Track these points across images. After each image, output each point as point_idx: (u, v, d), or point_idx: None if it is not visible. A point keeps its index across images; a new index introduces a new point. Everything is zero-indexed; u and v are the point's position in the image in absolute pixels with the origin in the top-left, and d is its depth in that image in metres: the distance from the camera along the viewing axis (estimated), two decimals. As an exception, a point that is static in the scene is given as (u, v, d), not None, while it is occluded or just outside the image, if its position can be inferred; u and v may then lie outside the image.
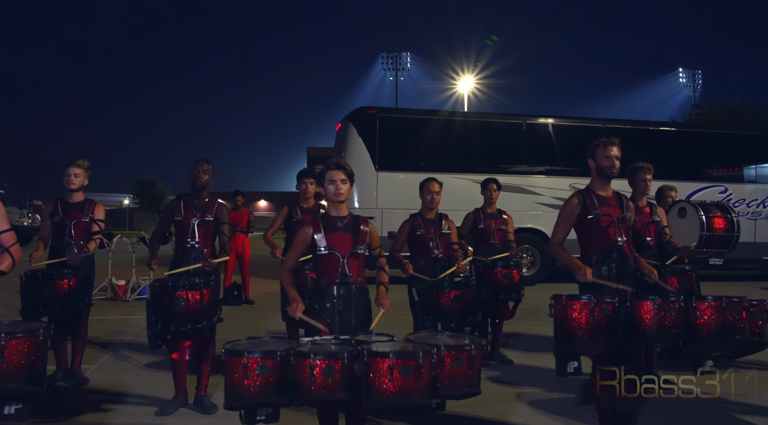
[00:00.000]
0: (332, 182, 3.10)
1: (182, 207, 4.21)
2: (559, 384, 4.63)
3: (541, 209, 11.22)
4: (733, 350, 3.57)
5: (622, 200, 3.63)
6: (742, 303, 3.33)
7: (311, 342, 2.79)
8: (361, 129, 10.96)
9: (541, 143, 11.81)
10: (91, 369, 5.04)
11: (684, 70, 42.52)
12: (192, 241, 4.13)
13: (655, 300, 3.21)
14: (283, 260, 3.70)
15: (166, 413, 3.95)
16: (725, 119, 26.72)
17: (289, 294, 3.14)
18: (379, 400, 2.52)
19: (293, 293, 3.13)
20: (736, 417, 3.60)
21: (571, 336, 3.21)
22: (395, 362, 2.50)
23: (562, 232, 3.59)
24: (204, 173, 4.26)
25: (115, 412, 4.05)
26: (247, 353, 2.57)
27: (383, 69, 42.86)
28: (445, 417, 3.87)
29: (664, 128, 13.46)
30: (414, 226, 4.82)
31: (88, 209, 4.72)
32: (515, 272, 5.32)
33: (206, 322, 3.85)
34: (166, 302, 3.75)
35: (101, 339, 6.18)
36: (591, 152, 3.62)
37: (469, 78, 36.54)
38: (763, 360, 4.55)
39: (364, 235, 3.16)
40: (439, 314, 4.42)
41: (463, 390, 2.70)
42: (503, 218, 5.65)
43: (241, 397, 2.57)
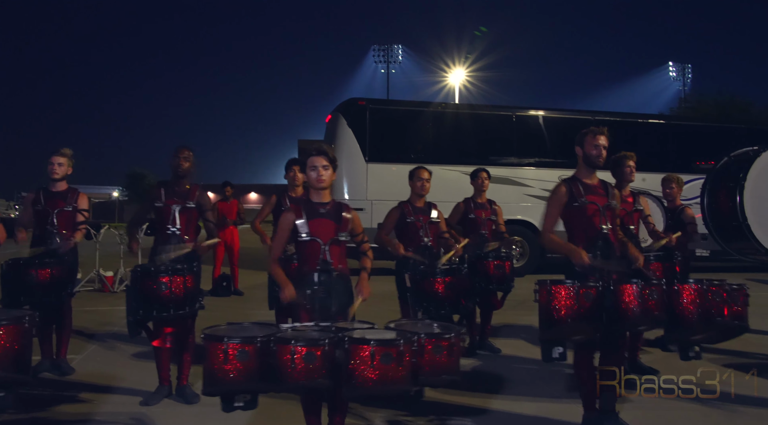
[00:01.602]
0: (314, 168, 3.08)
1: (163, 194, 4.18)
2: (545, 372, 4.66)
3: (531, 200, 11.24)
4: (716, 334, 3.60)
5: (608, 188, 3.64)
6: (722, 287, 3.36)
7: (291, 328, 2.79)
8: (351, 121, 10.93)
9: (531, 135, 11.82)
10: (77, 359, 5.01)
11: (674, 64, 42.70)
12: (173, 228, 4.10)
13: (638, 284, 3.24)
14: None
15: (151, 403, 3.93)
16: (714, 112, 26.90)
17: (279, 280, 3.11)
18: (359, 387, 2.52)
19: (283, 278, 3.10)
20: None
21: (556, 321, 3.23)
22: (376, 349, 2.50)
23: (551, 221, 3.59)
24: (185, 160, 4.22)
25: (99, 403, 4.02)
26: (227, 338, 2.55)
27: (375, 61, 42.76)
28: (430, 404, 3.89)
29: (653, 120, 13.52)
30: (404, 213, 4.81)
31: (71, 198, 4.67)
32: (507, 263, 5.34)
33: (189, 309, 3.84)
34: (149, 288, 3.72)
35: (89, 329, 6.14)
36: (579, 140, 3.63)
37: (461, 70, 36.55)
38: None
39: (347, 222, 3.15)
40: (431, 300, 4.42)
41: (442, 378, 2.70)
42: (493, 209, 5.65)
43: (220, 383, 2.56)
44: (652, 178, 8.76)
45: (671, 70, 42.56)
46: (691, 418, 3.59)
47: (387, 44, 42.24)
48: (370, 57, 43.12)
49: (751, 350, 5.39)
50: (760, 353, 5.35)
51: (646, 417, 3.56)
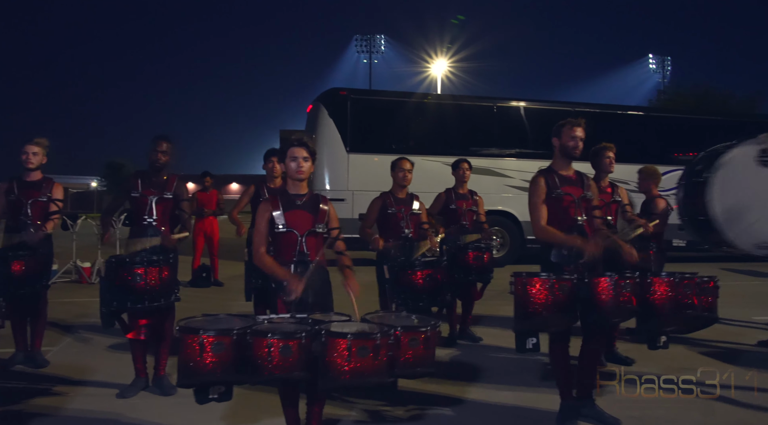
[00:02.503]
0: (294, 159, 3.06)
1: (140, 184, 4.12)
2: (523, 362, 4.71)
3: (512, 191, 11.31)
4: (686, 325, 3.67)
5: (584, 179, 3.67)
6: (693, 279, 3.43)
7: (267, 320, 2.78)
8: (332, 110, 10.86)
9: (512, 126, 11.88)
10: (52, 351, 4.95)
11: (654, 57, 43.12)
12: (149, 218, 4.04)
13: (612, 277, 3.28)
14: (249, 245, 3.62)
15: (127, 396, 3.90)
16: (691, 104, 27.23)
17: (279, 274, 2.99)
18: (335, 380, 2.53)
19: (282, 271, 2.99)
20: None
21: (530, 312, 3.26)
22: (353, 342, 2.50)
23: (540, 212, 3.54)
24: (163, 155, 4.16)
25: (74, 395, 3.98)
26: (202, 330, 2.54)
27: (357, 51, 42.57)
28: (408, 393, 3.91)
29: (632, 112, 13.65)
30: (385, 204, 4.81)
31: (46, 188, 4.58)
32: (486, 254, 5.36)
33: (164, 300, 3.80)
34: (124, 279, 3.67)
35: (65, 321, 6.07)
36: (556, 131, 3.65)
37: (443, 61, 36.54)
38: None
39: (323, 214, 3.14)
40: (409, 292, 4.43)
41: (417, 370, 2.72)
42: (474, 199, 5.67)
43: (195, 375, 2.55)
44: (631, 169, 8.85)
45: (651, 62, 43.01)
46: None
47: (369, 34, 42.16)
48: (353, 47, 42.98)
49: (730, 339, 5.52)
50: (742, 342, 5.47)
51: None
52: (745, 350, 5.10)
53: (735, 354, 4.99)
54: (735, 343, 5.43)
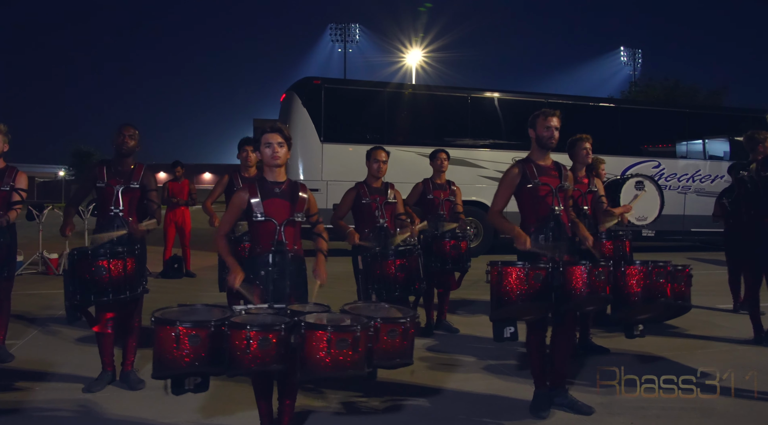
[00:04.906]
0: (269, 145, 3.00)
1: (105, 173, 3.99)
2: (498, 351, 4.73)
3: (485, 182, 11.37)
4: (659, 313, 3.72)
5: (561, 170, 3.68)
6: (666, 268, 3.47)
7: (245, 310, 2.72)
8: (306, 100, 10.75)
9: (486, 117, 11.93)
10: (17, 345, 4.80)
11: (625, 49, 43.71)
12: (116, 209, 3.92)
13: (586, 265, 3.31)
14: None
15: (93, 390, 3.80)
16: (661, 96, 27.73)
17: (227, 262, 3.04)
18: (313, 371, 2.49)
19: (231, 260, 3.04)
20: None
21: (506, 301, 3.27)
22: (332, 335, 2.47)
23: (501, 201, 3.63)
24: (130, 138, 4.03)
25: (40, 390, 3.86)
26: (178, 322, 2.47)
27: (332, 40, 42.17)
28: (383, 384, 3.90)
29: (603, 103, 13.82)
30: (359, 194, 4.76)
31: (8, 176, 4.41)
32: (463, 243, 5.35)
33: (129, 293, 3.68)
34: (86, 272, 3.56)
35: (30, 313, 5.91)
36: (531, 122, 3.65)
37: (417, 51, 36.48)
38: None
39: (302, 202, 3.08)
40: (383, 282, 4.40)
41: (395, 361, 2.70)
42: (452, 189, 5.66)
43: (171, 367, 2.48)
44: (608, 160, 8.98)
45: (623, 54, 43.60)
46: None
47: (344, 23, 41.72)
48: (327, 35, 42.57)
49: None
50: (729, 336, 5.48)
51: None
52: (744, 349, 5.08)
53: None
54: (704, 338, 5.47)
